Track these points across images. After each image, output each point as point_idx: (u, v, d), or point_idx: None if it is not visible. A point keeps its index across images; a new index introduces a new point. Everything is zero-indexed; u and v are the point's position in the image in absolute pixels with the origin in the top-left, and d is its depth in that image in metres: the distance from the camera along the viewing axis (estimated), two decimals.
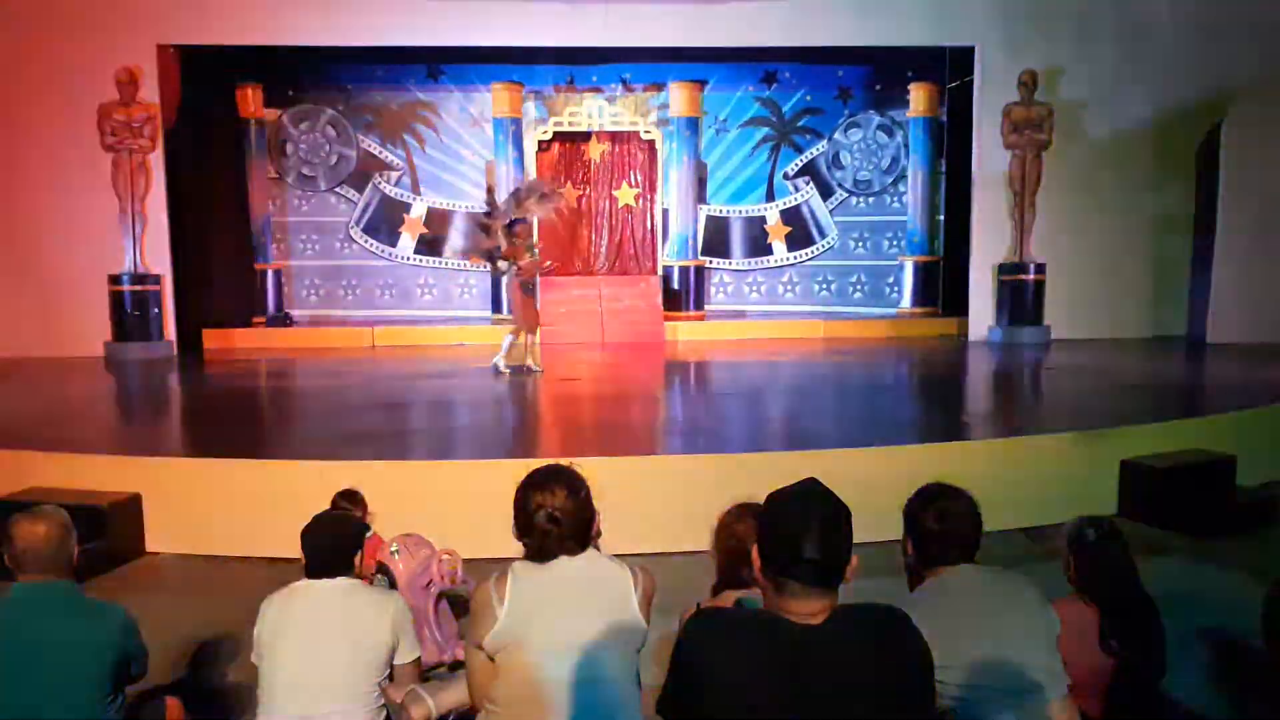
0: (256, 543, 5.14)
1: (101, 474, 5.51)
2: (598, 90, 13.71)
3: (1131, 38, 11.45)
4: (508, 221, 9.33)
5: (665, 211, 13.75)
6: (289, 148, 13.66)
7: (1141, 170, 11.68)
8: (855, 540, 1.85)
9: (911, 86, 13.35)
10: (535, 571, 2.37)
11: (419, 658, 2.85)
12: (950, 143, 12.96)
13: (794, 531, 1.81)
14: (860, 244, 14.16)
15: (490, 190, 13.17)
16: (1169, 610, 2.93)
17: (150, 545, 5.40)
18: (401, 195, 13.89)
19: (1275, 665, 2.36)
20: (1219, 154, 11.16)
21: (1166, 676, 2.86)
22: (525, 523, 2.38)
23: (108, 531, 5.06)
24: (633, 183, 14.14)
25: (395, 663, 2.74)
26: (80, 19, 10.89)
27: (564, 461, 2.52)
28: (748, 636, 1.84)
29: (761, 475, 3.46)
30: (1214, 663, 3.58)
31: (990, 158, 11.72)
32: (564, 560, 2.37)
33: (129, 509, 5.34)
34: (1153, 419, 6.74)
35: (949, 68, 12.65)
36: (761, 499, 1.97)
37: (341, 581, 2.77)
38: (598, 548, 2.50)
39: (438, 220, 13.93)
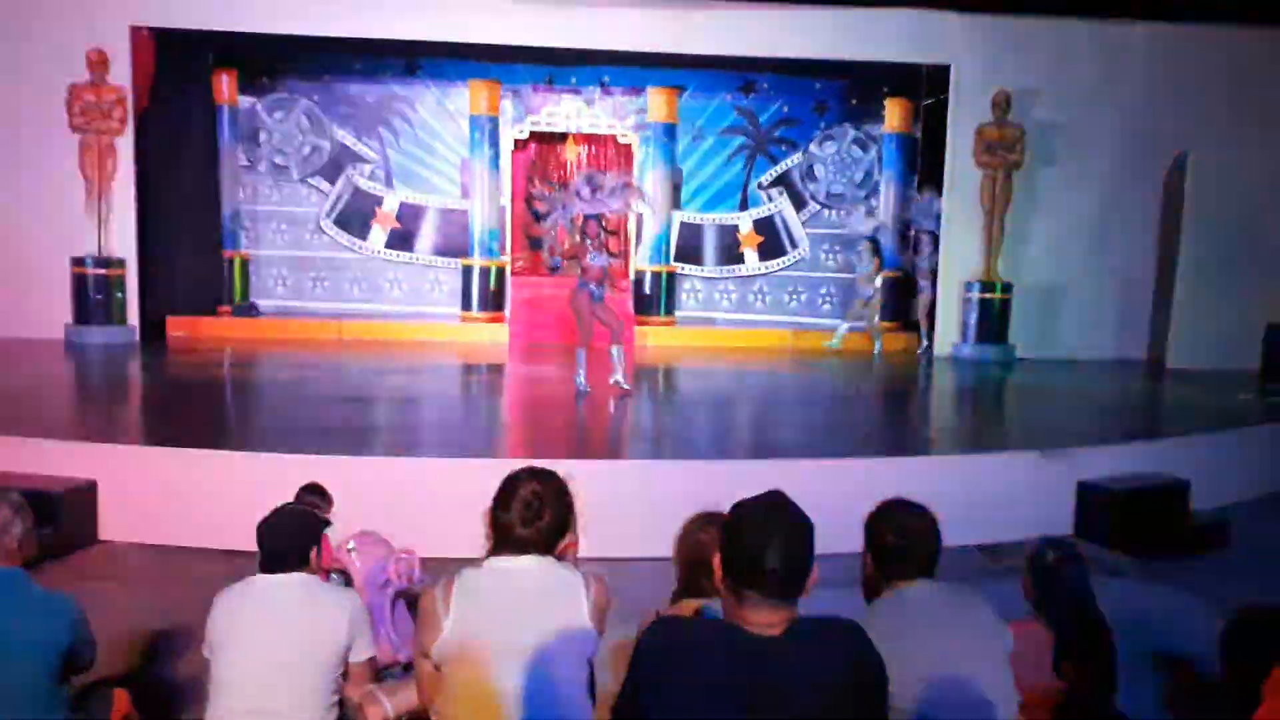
0: (212, 534, 5.07)
1: (56, 459, 5.42)
2: (576, 92, 13.68)
3: (1105, 64, 11.63)
4: (574, 216, 8.48)
5: (639, 216, 13.75)
6: (262, 136, 13.51)
7: (1109, 194, 11.86)
8: (816, 552, 1.86)
9: (887, 102, 13.46)
10: (483, 578, 2.34)
11: (374, 657, 2.83)
12: (923, 159, 13.08)
13: (756, 542, 1.82)
14: (831, 256, 14.24)
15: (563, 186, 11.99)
16: (1122, 632, 2.97)
17: (103, 534, 5.32)
18: (374, 188, 13.78)
19: (1231, 693, 2.40)
20: (1185, 181, 11.38)
21: (1117, 698, 2.89)
22: (507, 498, 2.35)
23: (60, 518, 4.98)
24: None
25: (350, 661, 2.72)
26: None
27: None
28: (705, 646, 1.85)
29: (726, 483, 3.47)
30: (1165, 685, 3.64)
31: (962, 176, 11.85)
32: (515, 565, 2.34)
33: (83, 496, 5.26)
34: (1111, 440, 6.85)
35: (924, 85, 12.78)
36: (725, 507, 1.97)
37: (297, 577, 2.75)
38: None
39: (410, 215, 13.83)
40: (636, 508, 5.15)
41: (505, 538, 2.35)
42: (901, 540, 2.46)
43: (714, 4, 11.44)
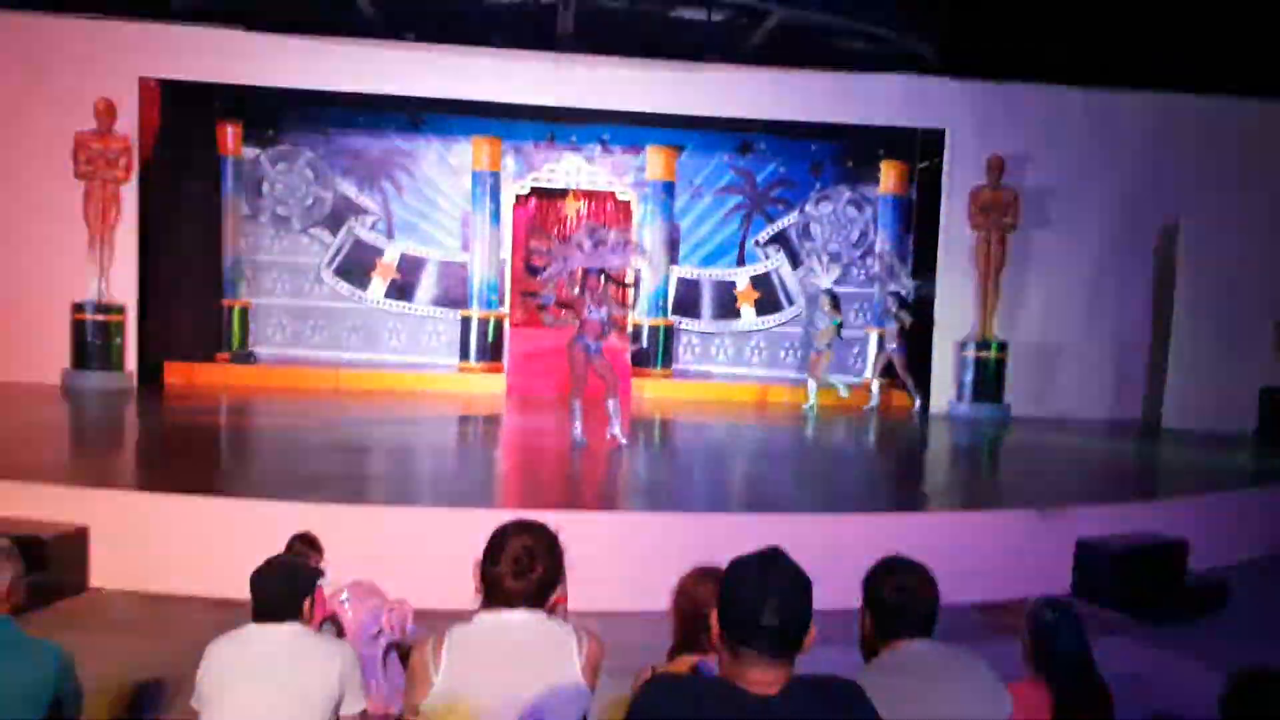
0: (205, 582, 5.02)
1: (47, 504, 5.38)
2: (577, 149, 13.86)
3: (1098, 130, 11.83)
4: (573, 269, 8.32)
5: (638, 271, 13.83)
6: (265, 187, 13.63)
7: (1103, 256, 11.99)
8: (815, 607, 1.86)
9: (882, 164, 13.64)
10: (474, 634, 2.32)
11: (365, 710, 2.79)
12: (918, 220, 13.23)
13: (754, 599, 1.81)
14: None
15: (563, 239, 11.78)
16: (1120, 692, 2.95)
17: (94, 580, 5.26)
18: (375, 240, 13.89)
19: None
20: (1177, 246, 11.52)
21: None
22: (496, 551, 2.33)
23: (50, 564, 4.93)
24: None
25: (341, 714, 2.68)
26: (64, 48, 10.90)
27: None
28: (701, 705, 1.83)
29: (722, 538, 3.45)
30: None
31: (956, 237, 11.98)
32: (506, 619, 2.32)
33: (74, 542, 5.21)
34: (1108, 500, 6.84)
35: (919, 148, 12.98)
36: (722, 562, 1.97)
37: (290, 628, 2.72)
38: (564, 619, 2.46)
39: (410, 266, 13.93)
40: (632, 561, 5.12)
41: (496, 591, 2.33)
42: (900, 598, 2.45)
43: (712, 67, 11.66)
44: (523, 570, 2.31)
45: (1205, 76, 11.35)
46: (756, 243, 14.31)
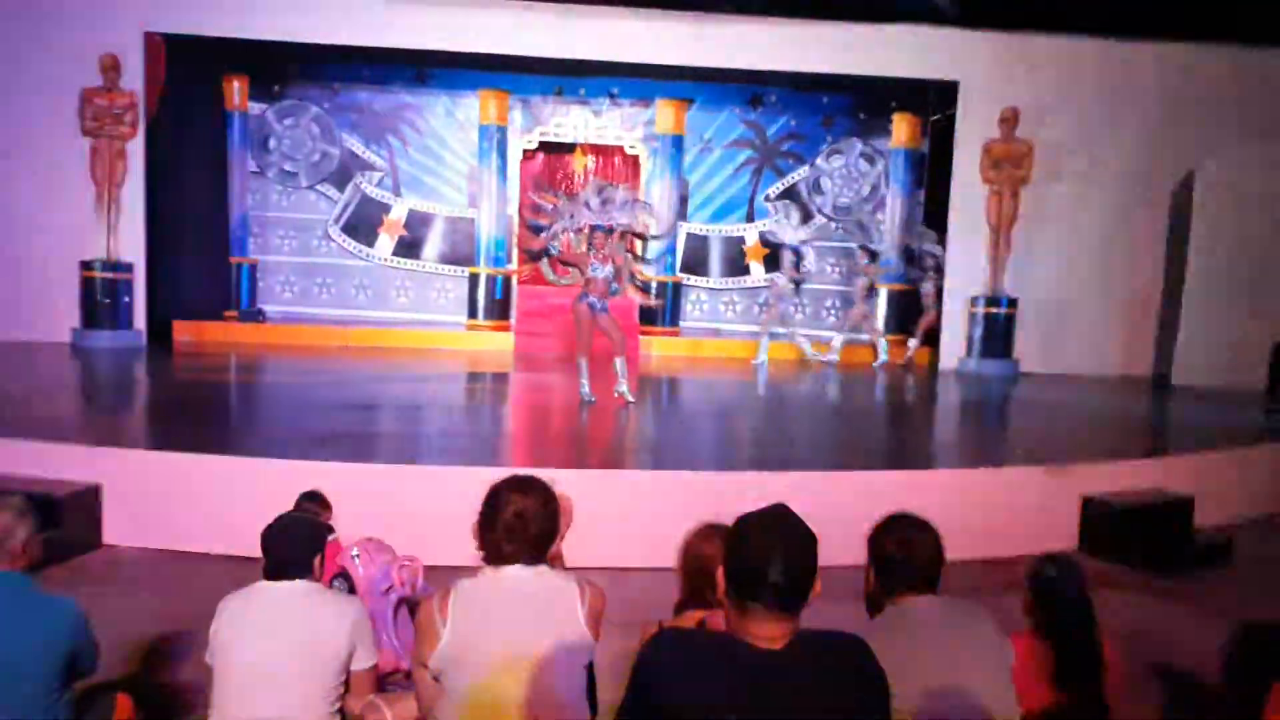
0: (216, 540, 5.08)
1: (60, 463, 5.43)
2: (585, 103, 13.74)
3: (1114, 82, 11.65)
4: (580, 226, 8.23)
5: (646, 226, 13.74)
6: (271, 143, 13.58)
7: (1117, 210, 11.86)
8: (820, 563, 1.87)
9: (894, 117, 13.49)
10: (480, 588, 2.36)
11: (376, 665, 2.83)
12: (930, 174, 13.09)
13: (760, 555, 1.83)
14: (836, 269, 14.25)
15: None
16: (1123, 646, 2.97)
17: (107, 538, 5.32)
18: (382, 196, 13.84)
19: (1231, 708, 2.40)
20: (1192, 199, 11.38)
21: (1115, 714, 2.89)
22: (491, 517, 2.38)
23: (64, 522, 4.98)
24: None
25: (352, 669, 2.72)
26: (68, 2, 10.80)
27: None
28: (708, 659, 1.85)
29: (729, 495, 3.47)
30: (1164, 700, 3.63)
31: (968, 191, 11.86)
32: (510, 573, 2.36)
33: (87, 499, 5.26)
34: (1115, 457, 6.84)
35: (932, 101, 12.80)
36: (728, 519, 1.98)
37: (301, 584, 2.75)
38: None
39: (417, 223, 13.89)
40: (640, 518, 5.15)
41: (494, 551, 2.38)
42: (905, 554, 2.46)
43: (723, 17, 11.49)
44: (518, 531, 2.36)
45: (1225, 26, 11.11)
46: (766, 198, 14.21)
